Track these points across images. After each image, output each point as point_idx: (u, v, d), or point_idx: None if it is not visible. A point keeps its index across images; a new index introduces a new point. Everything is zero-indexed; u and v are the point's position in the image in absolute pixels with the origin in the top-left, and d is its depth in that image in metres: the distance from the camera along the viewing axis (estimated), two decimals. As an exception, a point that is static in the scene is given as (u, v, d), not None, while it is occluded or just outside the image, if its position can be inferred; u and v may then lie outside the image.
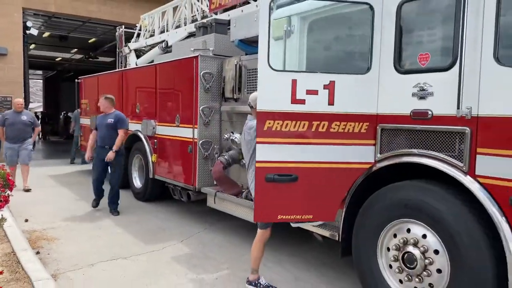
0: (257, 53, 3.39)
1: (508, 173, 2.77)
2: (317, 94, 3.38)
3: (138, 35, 10.58)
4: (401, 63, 3.38)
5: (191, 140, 6.17)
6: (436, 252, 3.15)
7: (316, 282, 4.26)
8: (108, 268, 4.55)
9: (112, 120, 6.73)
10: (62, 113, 27.30)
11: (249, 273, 4.10)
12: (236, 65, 5.72)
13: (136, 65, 9.93)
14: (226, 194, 5.59)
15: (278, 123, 3.36)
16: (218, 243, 5.49)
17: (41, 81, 36.68)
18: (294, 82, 3.33)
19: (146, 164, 7.53)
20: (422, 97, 3.22)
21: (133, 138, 7.94)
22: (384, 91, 3.48)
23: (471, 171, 2.96)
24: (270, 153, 3.38)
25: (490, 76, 2.85)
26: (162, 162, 7.08)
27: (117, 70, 10.24)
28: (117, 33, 11.47)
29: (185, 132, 6.35)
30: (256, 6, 6.24)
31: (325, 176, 3.47)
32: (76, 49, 23.48)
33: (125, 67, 10.97)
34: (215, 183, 5.89)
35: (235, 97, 5.83)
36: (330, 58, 4.00)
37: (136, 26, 10.76)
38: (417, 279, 3.26)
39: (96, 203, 7.06)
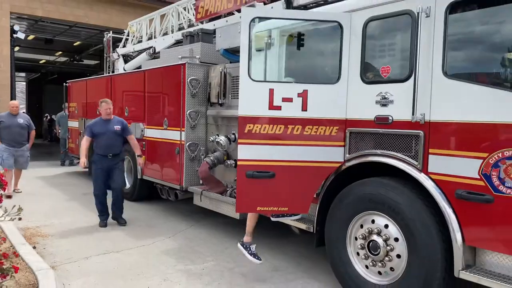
0: (240, 61, 3.84)
1: (454, 170, 3.25)
2: (291, 101, 3.83)
3: (126, 40, 10.90)
4: (366, 75, 3.85)
5: (179, 142, 6.56)
6: (396, 239, 3.61)
7: (293, 271, 4.69)
8: (101, 261, 4.90)
9: (119, 127, 6.37)
10: (46, 115, 27.25)
11: (232, 264, 4.50)
12: (221, 72, 6.13)
13: (124, 70, 10.25)
14: (212, 193, 5.99)
15: (257, 127, 3.80)
16: (203, 238, 5.88)
17: (24, 83, 36.43)
18: (271, 91, 3.78)
19: (134, 165, 7.87)
20: (384, 105, 3.69)
21: (122, 141, 8.25)
22: (352, 99, 3.94)
23: (424, 169, 3.44)
24: (250, 152, 3.82)
25: (439, 87, 3.33)
26: (150, 163, 7.43)
27: (106, 74, 10.54)
28: (105, 39, 11.77)
29: (173, 135, 6.72)
30: (240, 17, 6.66)
31: (299, 173, 3.92)
32: (60, 52, 23.57)
33: (112, 71, 11.27)
34: (201, 182, 6.29)
35: (220, 102, 6.23)
36: (304, 69, 4.45)
37: (124, 32, 11.08)
38: (380, 264, 3.72)
39: (105, 220, 6.39)
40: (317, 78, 4.21)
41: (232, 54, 6.04)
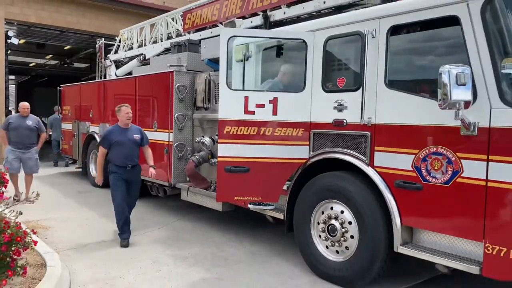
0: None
1: (394, 164, 3.96)
2: (264, 107, 4.53)
3: (118, 47, 11.52)
4: (326, 85, 4.55)
5: (167, 142, 7.20)
6: (350, 223, 4.31)
7: (268, 254, 5.37)
8: (99, 248, 5.53)
9: (139, 136, 5.86)
10: (36, 118, 27.46)
11: (215, 249, 5.15)
12: (206, 79, 6.80)
13: (116, 75, 10.87)
14: (197, 188, 6.64)
15: (234, 128, 4.49)
16: (189, 229, 6.53)
17: (14, 86, 36.59)
18: (246, 98, 4.48)
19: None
20: (340, 110, 4.40)
21: (114, 142, 8.87)
22: (315, 105, 4.64)
23: (371, 163, 4.14)
24: (228, 150, 4.51)
25: (382, 96, 4.04)
26: (140, 162, 8.03)
27: (99, 80, 11.14)
28: (97, 45, 12.36)
29: (161, 136, 7.37)
30: (224, 24, 7.33)
31: (270, 168, 4.61)
32: (51, 55, 23.98)
33: (104, 76, 11.88)
34: (188, 179, 6.95)
35: (205, 106, 6.89)
36: (275, 79, 5.15)
37: (116, 39, 11.69)
38: (337, 244, 4.42)
39: (128, 239, 5.68)
40: (285, 87, 4.90)
41: (216, 63, 6.69)
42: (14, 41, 14.48)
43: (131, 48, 10.94)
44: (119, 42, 11.50)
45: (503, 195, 3.26)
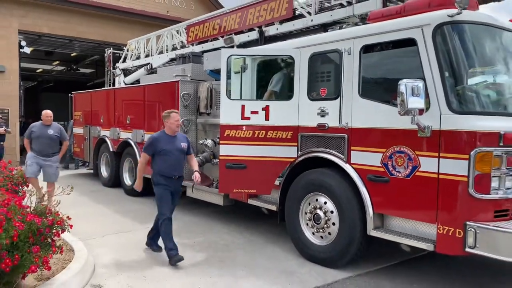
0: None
1: (365, 161, 4.70)
2: (257, 113, 5.32)
3: (126, 56, 12.33)
4: (311, 94, 5.31)
5: (174, 145, 7.96)
6: (332, 212, 5.05)
7: (264, 243, 6.12)
8: (115, 238, 6.31)
9: (186, 144, 5.42)
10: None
11: (218, 239, 5.92)
12: (208, 88, 7.58)
13: (124, 83, 11.67)
14: (201, 186, 7.41)
15: (233, 132, 5.29)
16: (195, 221, 7.30)
17: (21, 91, 37.40)
18: (243, 106, 5.26)
19: (136, 165, 9.26)
20: (322, 115, 5.15)
21: (124, 145, 9.68)
22: (302, 111, 5.40)
23: (348, 161, 4.90)
24: (228, 150, 5.28)
25: (356, 104, 4.79)
26: (149, 163, 8.81)
27: (109, 87, 11.95)
28: (105, 54, 13.17)
29: (168, 139, 8.13)
30: (223, 40, 8.13)
31: (263, 165, 5.38)
32: (58, 62, 24.81)
33: (113, 83, 12.68)
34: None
35: (207, 112, 7.67)
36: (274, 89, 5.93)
37: (124, 49, 12.51)
38: (321, 231, 5.17)
39: (178, 253, 5.26)
40: (276, 96, 5.67)
41: (217, 73, 7.48)
42: (27, 50, 15.32)
43: (138, 58, 11.74)
44: (127, 51, 12.30)
45: (450, 185, 4.01)
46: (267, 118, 5.33)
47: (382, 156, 4.54)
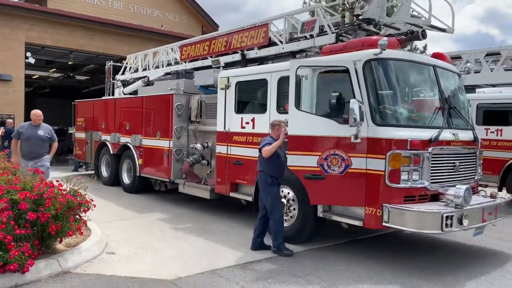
0: (211, 93, 7.71)
1: (301, 163, 6.01)
2: (249, 123, 6.94)
3: (125, 69, 13.74)
4: (279, 108, 6.79)
5: (168, 148, 9.39)
6: (293, 200, 6.51)
7: (242, 228, 7.54)
8: (120, 223, 7.69)
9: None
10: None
11: (204, 225, 7.37)
12: (198, 100, 9.03)
13: (123, 93, 13.08)
14: (191, 183, 8.84)
15: (236, 137, 6.96)
16: (185, 213, 8.72)
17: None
18: (241, 118, 6.90)
19: (134, 166, 10.65)
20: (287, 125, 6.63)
21: (124, 148, 11.07)
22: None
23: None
24: (232, 150, 6.87)
25: (293, 114, 6.10)
26: (146, 164, 10.24)
27: (110, 97, 13.35)
28: (106, 67, 14.56)
29: (163, 143, 9.55)
30: (211, 61, 9.58)
31: (251, 163, 6.85)
32: (55, 69, 25.95)
33: (112, 93, 14.07)
34: (184, 176, 9.14)
35: (197, 121, 9.11)
36: (252, 104, 7.43)
37: (123, 62, 13.94)
38: (285, 214, 6.60)
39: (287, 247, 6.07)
40: (257, 110, 7.18)
41: (206, 88, 8.96)
42: (31, 60, 16.64)
43: (136, 71, 13.16)
44: (126, 64, 13.72)
45: (373, 178, 5.49)
46: (253, 127, 7.18)
47: (319, 158, 5.73)
